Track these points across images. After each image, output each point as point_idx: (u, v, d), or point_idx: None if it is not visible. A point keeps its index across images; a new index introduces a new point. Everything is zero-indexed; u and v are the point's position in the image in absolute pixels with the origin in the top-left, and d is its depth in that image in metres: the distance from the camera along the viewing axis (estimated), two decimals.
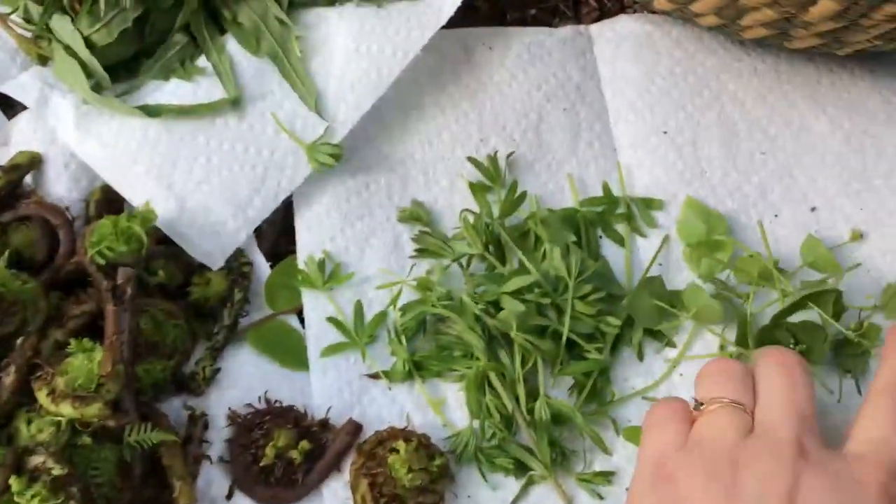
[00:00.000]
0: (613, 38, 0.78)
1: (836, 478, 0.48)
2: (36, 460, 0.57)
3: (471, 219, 0.71)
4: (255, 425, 0.64)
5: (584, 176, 0.75)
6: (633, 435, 0.66)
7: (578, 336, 0.67)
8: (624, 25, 0.79)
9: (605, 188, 0.74)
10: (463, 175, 0.74)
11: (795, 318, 0.66)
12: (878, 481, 0.47)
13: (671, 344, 0.69)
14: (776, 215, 0.74)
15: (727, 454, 0.51)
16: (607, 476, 0.65)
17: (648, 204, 0.73)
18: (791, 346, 0.65)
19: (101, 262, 0.62)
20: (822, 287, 0.67)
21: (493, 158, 0.74)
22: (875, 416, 0.51)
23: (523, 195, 0.73)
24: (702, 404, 0.56)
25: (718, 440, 0.52)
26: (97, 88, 0.69)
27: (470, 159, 0.73)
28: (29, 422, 0.59)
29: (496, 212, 0.72)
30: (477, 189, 0.72)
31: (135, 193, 0.68)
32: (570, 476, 0.66)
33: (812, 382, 0.56)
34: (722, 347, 0.68)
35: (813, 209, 0.74)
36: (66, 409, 0.57)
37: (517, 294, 0.67)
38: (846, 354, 0.67)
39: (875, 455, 0.49)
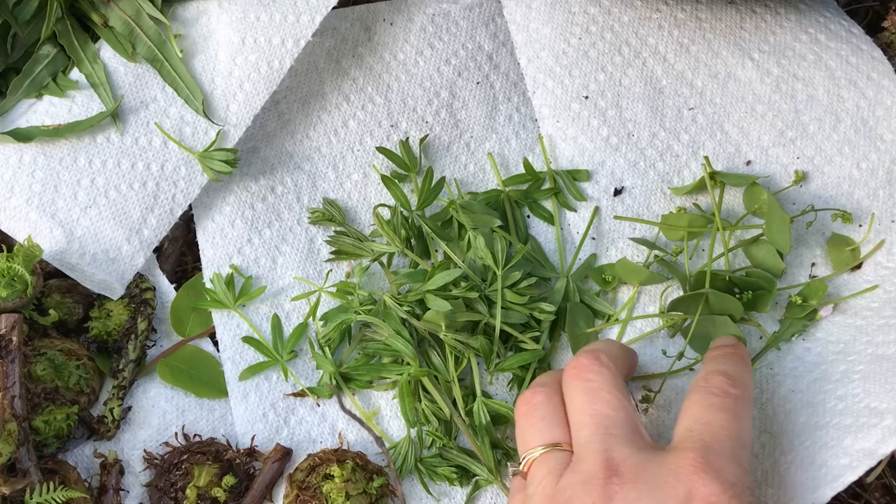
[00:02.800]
0: None
1: (651, 480, 0.49)
2: None
3: (386, 213, 0.66)
4: (172, 466, 0.59)
5: (506, 152, 0.71)
6: None
7: (512, 327, 0.63)
8: None
9: (526, 164, 0.69)
10: (375, 166, 0.69)
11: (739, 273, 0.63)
12: (693, 461, 0.49)
13: (612, 320, 0.66)
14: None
15: (549, 503, 0.51)
16: None
17: (575, 175, 0.69)
18: (736, 296, 0.62)
19: None
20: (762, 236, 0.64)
21: (405, 144, 0.69)
22: (688, 409, 0.53)
23: (441, 181, 0.68)
24: (520, 464, 0.54)
25: (538, 494, 0.52)
26: None
27: (380, 149, 0.68)
28: None
29: (414, 202, 0.67)
30: (389, 182, 0.67)
31: (15, 228, 0.62)
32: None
33: (615, 377, 0.54)
34: (662, 312, 0.65)
35: (748, 163, 0.70)
36: None
37: (443, 290, 0.62)
38: (794, 318, 0.63)
39: (689, 440, 0.51)
